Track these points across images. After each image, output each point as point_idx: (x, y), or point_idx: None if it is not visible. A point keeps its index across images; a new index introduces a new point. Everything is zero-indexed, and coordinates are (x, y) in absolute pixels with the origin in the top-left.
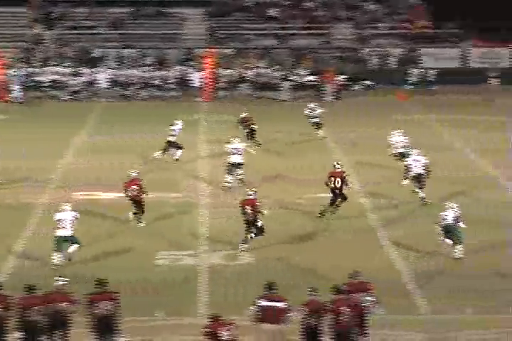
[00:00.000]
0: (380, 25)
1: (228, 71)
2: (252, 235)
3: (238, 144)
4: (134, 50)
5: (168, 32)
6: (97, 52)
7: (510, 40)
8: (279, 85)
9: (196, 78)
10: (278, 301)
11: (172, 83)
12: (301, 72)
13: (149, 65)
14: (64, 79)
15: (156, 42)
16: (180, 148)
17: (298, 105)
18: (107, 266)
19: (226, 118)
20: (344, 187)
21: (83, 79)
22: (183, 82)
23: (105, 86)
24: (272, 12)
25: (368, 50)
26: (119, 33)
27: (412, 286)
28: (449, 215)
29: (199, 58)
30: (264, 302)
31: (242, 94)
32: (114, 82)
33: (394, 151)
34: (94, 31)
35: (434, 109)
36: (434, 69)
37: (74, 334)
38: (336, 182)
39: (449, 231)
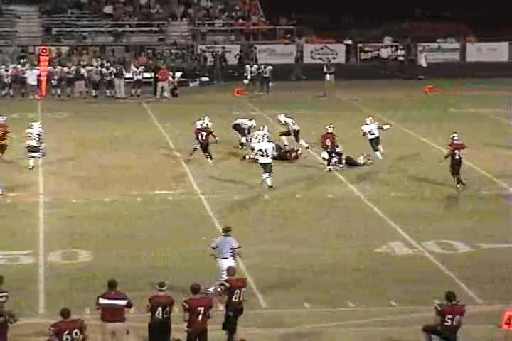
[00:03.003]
0: (215, 21)
1: (63, 68)
2: (331, 168)
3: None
4: None
5: (2, 29)
6: None
7: (344, 37)
8: (114, 82)
9: (31, 76)
10: (119, 299)
11: (6, 81)
12: (137, 69)
13: None
14: None
15: None
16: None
17: (133, 102)
18: None
19: (62, 116)
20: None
21: None
22: (17, 80)
23: None
24: (107, 9)
25: (204, 46)
26: None
27: (252, 280)
28: (373, 128)
29: (34, 56)
30: (105, 301)
31: (78, 92)
32: None
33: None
34: None
35: (268, 105)
36: (269, 65)
37: None
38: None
39: (377, 142)
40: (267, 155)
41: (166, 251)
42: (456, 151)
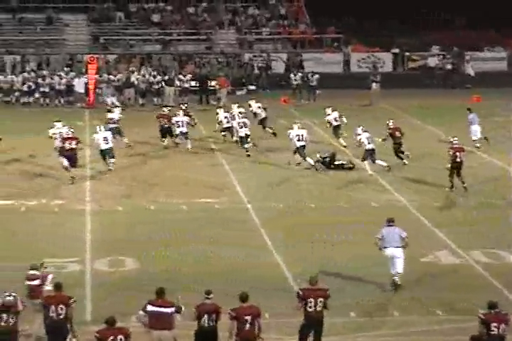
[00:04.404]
0: (263, 30)
1: (110, 76)
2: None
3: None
4: (16, 56)
5: (50, 38)
6: None
7: (391, 45)
8: (163, 90)
9: (79, 84)
10: (165, 307)
11: (55, 89)
12: (184, 78)
13: (31, 71)
14: None
15: (38, 47)
16: None
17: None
18: None
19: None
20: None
21: None
22: (66, 88)
23: None
24: (155, 17)
25: (251, 54)
26: (1, 39)
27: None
28: (336, 116)
29: (82, 64)
30: (152, 308)
31: (127, 99)
32: None
33: None
34: None
35: (314, 113)
36: (316, 73)
37: None
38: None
39: (340, 128)
40: (303, 140)
41: (220, 258)
42: (458, 154)
